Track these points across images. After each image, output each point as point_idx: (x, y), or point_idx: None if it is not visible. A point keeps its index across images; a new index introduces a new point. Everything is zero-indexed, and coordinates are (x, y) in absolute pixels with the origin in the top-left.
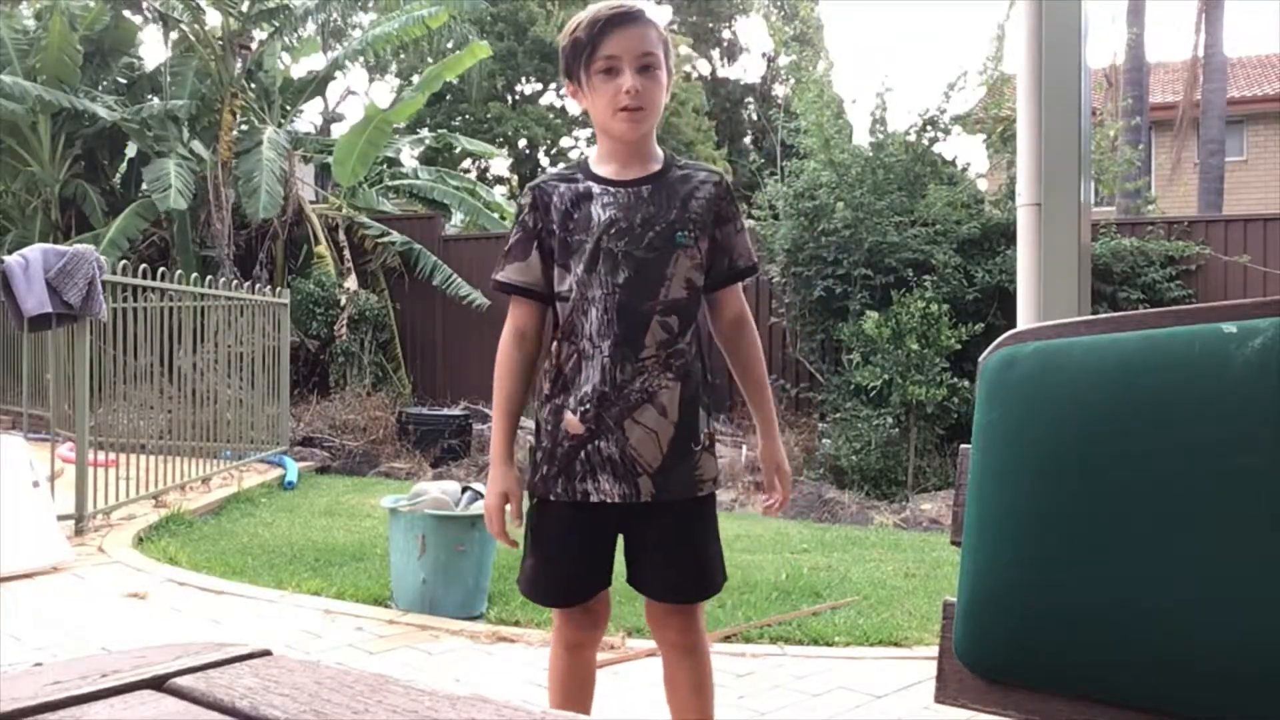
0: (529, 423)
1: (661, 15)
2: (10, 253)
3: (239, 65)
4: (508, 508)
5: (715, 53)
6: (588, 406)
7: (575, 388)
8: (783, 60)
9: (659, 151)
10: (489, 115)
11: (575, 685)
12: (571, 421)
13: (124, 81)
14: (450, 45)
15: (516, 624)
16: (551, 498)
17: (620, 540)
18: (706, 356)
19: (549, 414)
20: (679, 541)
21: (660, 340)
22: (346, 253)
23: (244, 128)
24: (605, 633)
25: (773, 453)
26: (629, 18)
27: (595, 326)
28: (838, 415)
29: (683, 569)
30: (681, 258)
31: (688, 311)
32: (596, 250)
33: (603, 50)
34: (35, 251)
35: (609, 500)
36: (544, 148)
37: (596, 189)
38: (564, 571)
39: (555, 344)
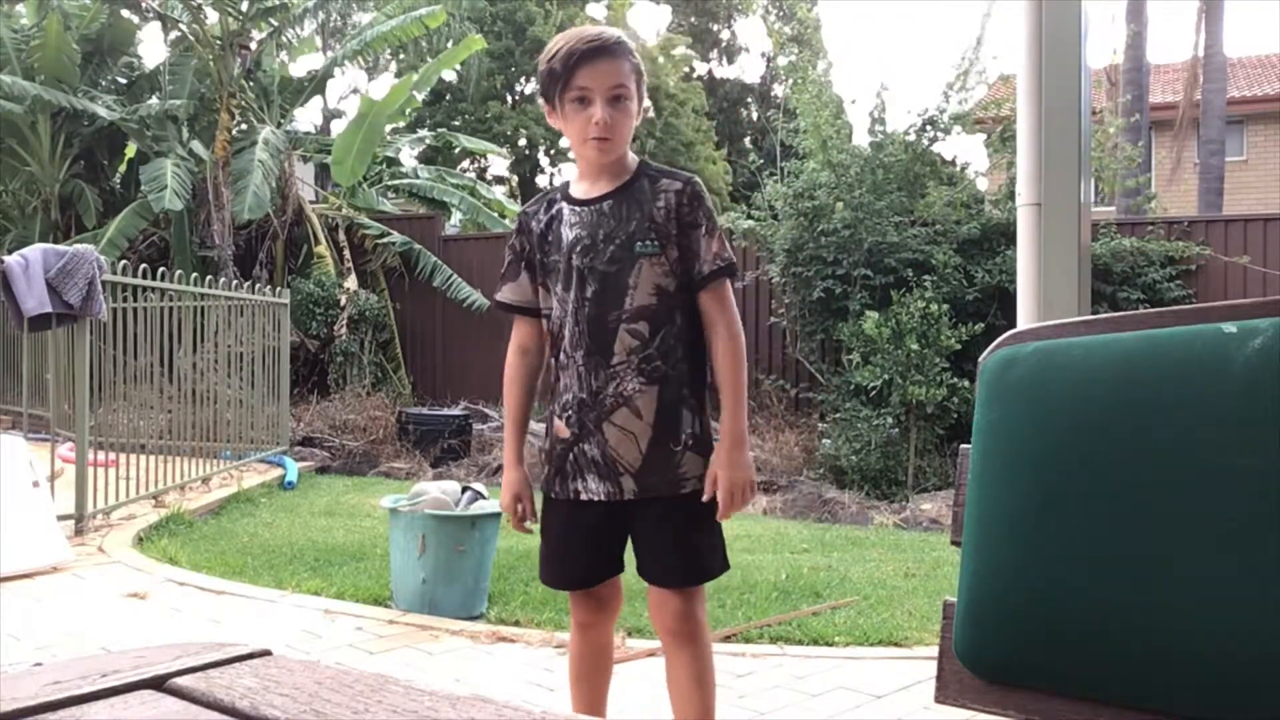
0: (529, 424)
1: (660, 16)
2: (10, 253)
3: (238, 65)
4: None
5: (714, 53)
6: (570, 413)
7: (559, 395)
8: (781, 61)
9: (632, 163)
10: (488, 115)
11: (590, 663)
12: (559, 427)
13: (123, 81)
14: (450, 45)
15: (516, 624)
16: (553, 495)
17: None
18: (703, 358)
19: (547, 420)
20: (668, 533)
21: (630, 347)
22: (346, 253)
23: (243, 128)
24: (616, 616)
25: (719, 458)
26: (602, 51)
27: (570, 339)
28: (838, 415)
29: (673, 555)
30: (645, 266)
31: (658, 318)
32: (568, 269)
33: (575, 81)
34: (35, 251)
35: (595, 499)
36: (543, 147)
37: (566, 210)
38: (566, 561)
39: (550, 357)
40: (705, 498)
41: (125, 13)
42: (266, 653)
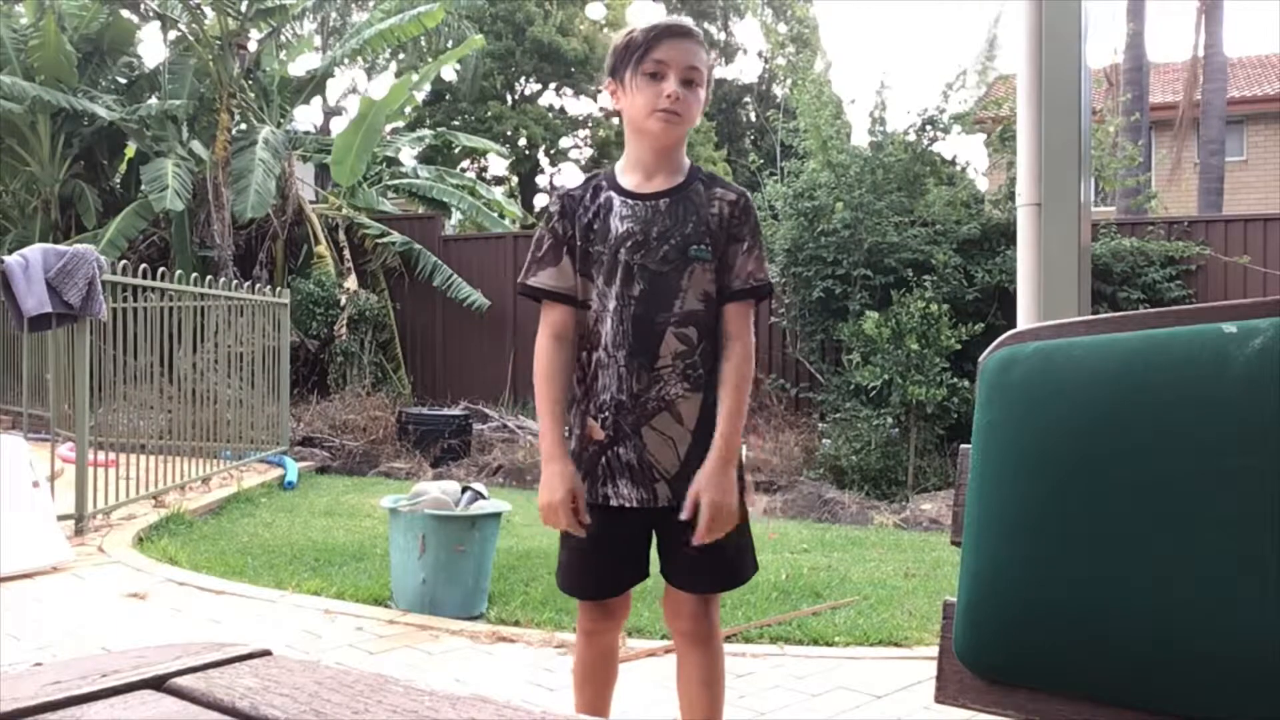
0: (529, 423)
1: (655, 14)
2: (10, 253)
3: (237, 65)
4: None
5: (712, 53)
6: (607, 414)
7: (595, 395)
8: (779, 61)
9: (685, 163)
10: (488, 115)
11: (595, 667)
12: (593, 427)
13: (123, 81)
14: (450, 45)
15: (516, 624)
16: None
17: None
18: None
19: (576, 418)
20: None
21: (676, 351)
22: (346, 253)
23: (242, 128)
24: (624, 621)
25: (705, 476)
26: (684, 31)
27: (611, 337)
28: (838, 415)
29: (705, 563)
30: (698, 270)
31: (705, 323)
32: (614, 263)
33: (654, 54)
34: (35, 251)
35: (627, 505)
36: (543, 147)
37: (617, 201)
38: (591, 568)
39: (583, 351)
40: (683, 517)
41: (125, 13)
42: (266, 653)
